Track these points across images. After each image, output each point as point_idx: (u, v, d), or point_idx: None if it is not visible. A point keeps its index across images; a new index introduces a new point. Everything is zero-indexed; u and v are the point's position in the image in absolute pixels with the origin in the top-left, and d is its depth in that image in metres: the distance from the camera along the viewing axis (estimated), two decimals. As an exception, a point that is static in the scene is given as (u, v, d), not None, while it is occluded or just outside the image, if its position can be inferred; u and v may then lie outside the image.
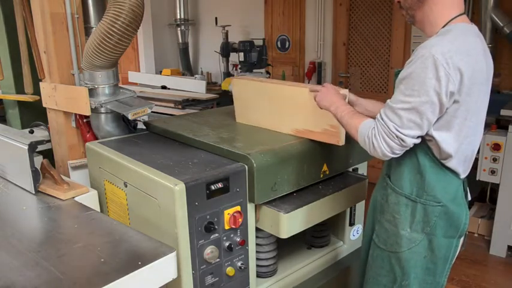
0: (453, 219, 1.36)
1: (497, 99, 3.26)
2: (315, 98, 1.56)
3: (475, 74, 1.23)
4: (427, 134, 1.29)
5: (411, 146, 1.28)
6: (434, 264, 1.40)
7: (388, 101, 1.29)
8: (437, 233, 1.37)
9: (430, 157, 1.34)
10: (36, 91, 2.40)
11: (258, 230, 1.64)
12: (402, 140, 1.25)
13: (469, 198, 1.47)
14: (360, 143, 1.35)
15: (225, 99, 4.07)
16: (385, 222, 1.46)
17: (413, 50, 1.32)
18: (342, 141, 1.62)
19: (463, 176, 1.39)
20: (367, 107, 1.63)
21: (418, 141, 1.28)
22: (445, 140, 1.28)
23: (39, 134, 2.31)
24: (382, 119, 1.28)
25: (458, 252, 1.47)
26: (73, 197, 1.56)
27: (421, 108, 1.22)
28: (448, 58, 1.18)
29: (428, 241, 1.38)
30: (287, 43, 4.79)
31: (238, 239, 1.54)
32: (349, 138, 1.58)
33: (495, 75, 3.68)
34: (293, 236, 1.59)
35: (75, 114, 2.00)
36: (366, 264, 1.59)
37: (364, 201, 2.00)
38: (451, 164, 1.33)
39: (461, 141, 1.30)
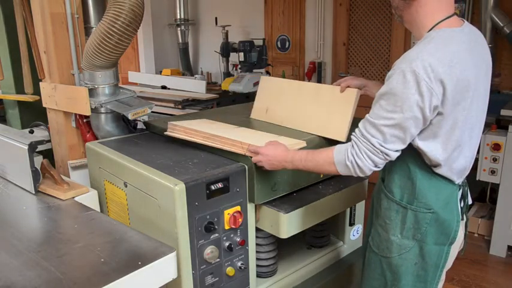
0: (444, 226, 1.34)
1: (497, 99, 3.26)
2: (257, 164, 1.48)
3: (460, 84, 1.20)
4: (414, 143, 1.28)
5: (394, 158, 1.27)
6: (425, 271, 1.39)
7: (367, 116, 1.26)
8: (428, 240, 1.36)
9: (421, 164, 1.32)
10: (36, 91, 2.40)
11: (258, 230, 1.64)
12: (386, 154, 1.24)
13: (470, 201, 1.46)
14: (342, 172, 1.30)
15: (225, 99, 4.07)
16: (378, 226, 1.45)
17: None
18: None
19: (458, 181, 1.36)
20: (373, 89, 1.61)
21: (399, 153, 1.28)
22: (432, 150, 1.27)
23: (39, 134, 2.31)
24: (363, 135, 1.25)
25: (453, 259, 1.45)
26: (73, 197, 1.56)
27: (404, 124, 1.20)
28: (430, 72, 1.16)
29: (419, 248, 1.37)
30: (287, 43, 4.79)
31: (238, 239, 1.54)
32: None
33: (495, 75, 3.68)
34: (293, 236, 1.59)
35: (75, 114, 2.00)
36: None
37: (364, 201, 2.00)
38: (441, 171, 1.31)
39: (450, 150, 1.28)
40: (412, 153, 1.32)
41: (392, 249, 1.40)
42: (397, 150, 1.25)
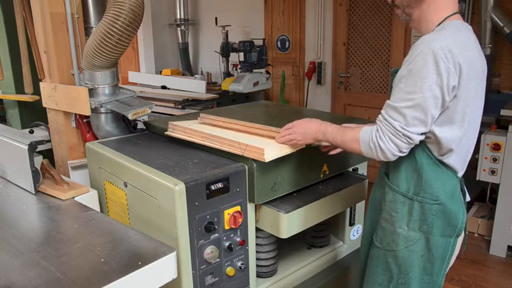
0: (450, 217, 1.36)
1: (497, 99, 3.26)
2: (286, 141, 1.52)
3: (471, 69, 1.24)
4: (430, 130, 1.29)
5: (417, 142, 1.28)
6: (431, 263, 1.40)
7: (388, 101, 1.29)
8: (434, 232, 1.37)
9: (428, 155, 1.34)
10: (36, 91, 2.40)
11: (258, 230, 1.64)
12: (409, 138, 1.25)
13: (468, 199, 1.47)
14: (365, 152, 1.32)
15: (225, 99, 4.08)
16: (382, 220, 1.46)
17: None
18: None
19: (460, 173, 1.39)
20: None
21: (423, 137, 1.28)
22: (446, 136, 1.29)
23: (39, 134, 2.31)
24: (385, 119, 1.27)
25: (457, 252, 1.46)
26: (73, 197, 1.56)
27: (424, 104, 1.22)
28: (447, 52, 1.19)
29: (426, 240, 1.38)
30: (287, 43, 4.79)
31: (238, 239, 1.54)
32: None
33: (495, 75, 3.68)
34: (293, 236, 1.59)
35: (75, 114, 2.00)
36: (365, 264, 1.59)
37: (364, 201, 2.00)
38: (450, 160, 1.33)
39: (462, 135, 1.31)
40: (419, 144, 1.32)
41: (398, 242, 1.40)
42: (420, 134, 1.26)
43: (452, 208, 1.36)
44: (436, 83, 1.20)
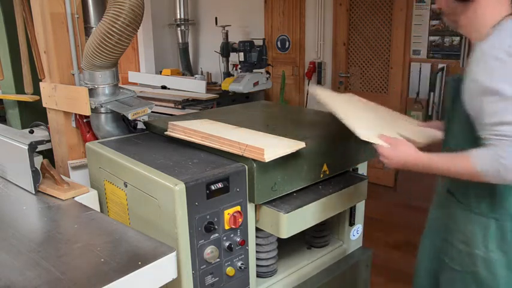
0: None
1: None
2: (382, 154, 1.37)
3: None
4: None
5: None
6: None
7: (484, 122, 1.16)
8: None
9: None
10: (36, 91, 2.40)
11: (258, 230, 1.64)
12: None
13: None
14: (492, 179, 1.14)
15: (225, 99, 4.08)
16: (457, 242, 1.36)
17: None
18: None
19: None
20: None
21: None
22: None
23: (39, 134, 2.31)
24: (494, 135, 1.13)
25: None
26: (73, 197, 1.56)
27: None
28: None
29: (507, 260, 1.28)
30: (287, 43, 4.79)
31: (238, 239, 1.54)
32: (345, 137, 1.59)
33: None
34: (293, 236, 1.59)
35: (75, 114, 2.00)
36: None
37: (364, 201, 2.00)
38: None
39: None
40: None
41: (477, 263, 1.31)
42: None
43: None
44: None
